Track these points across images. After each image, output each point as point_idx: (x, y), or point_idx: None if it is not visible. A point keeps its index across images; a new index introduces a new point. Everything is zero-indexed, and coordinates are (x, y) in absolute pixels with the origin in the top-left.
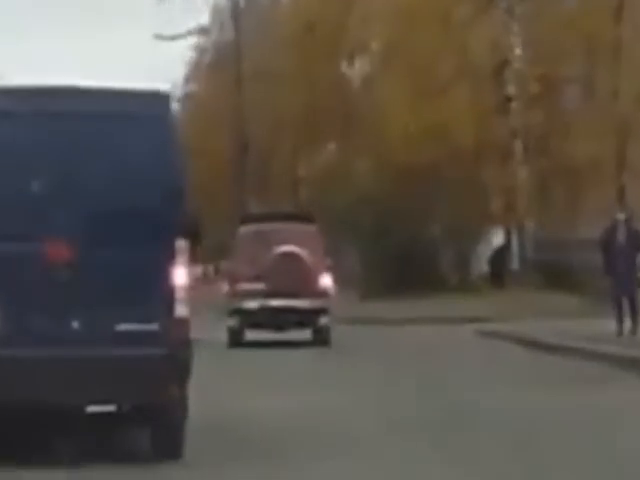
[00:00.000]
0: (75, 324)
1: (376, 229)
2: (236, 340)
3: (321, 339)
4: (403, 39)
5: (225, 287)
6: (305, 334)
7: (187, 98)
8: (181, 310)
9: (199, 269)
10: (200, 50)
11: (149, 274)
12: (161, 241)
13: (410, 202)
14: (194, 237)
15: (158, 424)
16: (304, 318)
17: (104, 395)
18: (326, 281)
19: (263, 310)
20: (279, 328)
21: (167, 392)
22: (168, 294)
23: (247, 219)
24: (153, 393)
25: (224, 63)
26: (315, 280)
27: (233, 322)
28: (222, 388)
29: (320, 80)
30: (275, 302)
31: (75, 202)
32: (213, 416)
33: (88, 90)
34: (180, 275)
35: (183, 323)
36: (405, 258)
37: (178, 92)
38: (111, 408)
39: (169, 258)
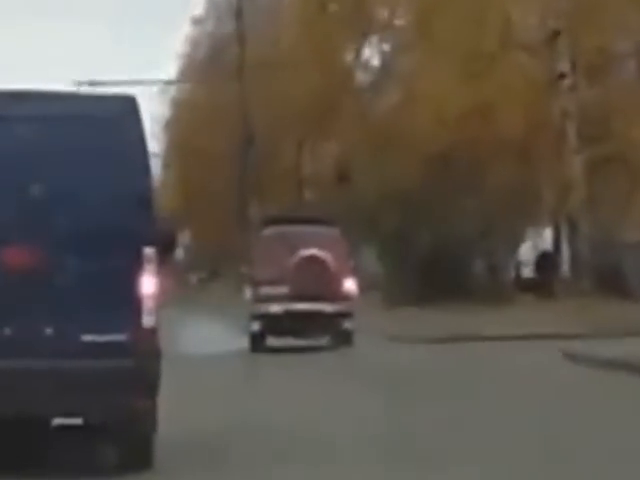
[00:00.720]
0: (40, 334)
1: (402, 228)
2: (259, 345)
3: (343, 342)
4: (436, 10)
5: (247, 292)
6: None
7: (181, 94)
8: (149, 320)
9: (171, 278)
10: (194, 43)
11: (116, 283)
12: (129, 249)
13: (442, 197)
14: (165, 246)
15: (126, 437)
16: (327, 322)
17: (70, 407)
18: (350, 285)
19: (287, 314)
20: (302, 335)
21: (135, 405)
22: (136, 304)
23: (269, 221)
24: (120, 406)
25: (221, 55)
26: (339, 284)
27: (256, 327)
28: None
29: (334, 64)
30: (299, 306)
31: (40, 209)
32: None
33: (54, 94)
34: (148, 284)
35: (151, 333)
36: (435, 261)
37: (172, 89)
38: (78, 421)
39: (137, 267)
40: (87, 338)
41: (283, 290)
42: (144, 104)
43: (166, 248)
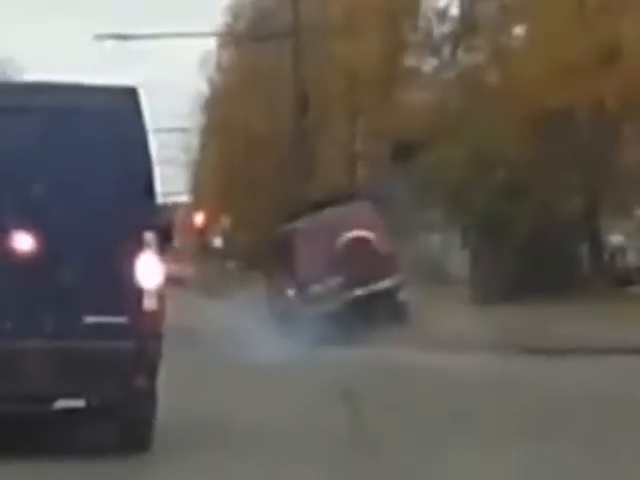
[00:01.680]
0: (43, 316)
1: (495, 207)
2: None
3: (400, 316)
4: None
5: (290, 292)
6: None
7: (219, 71)
8: (150, 303)
9: (189, 265)
10: (234, 15)
11: (117, 267)
12: (129, 234)
13: (544, 171)
14: (165, 232)
15: (126, 417)
16: (386, 301)
17: (73, 387)
18: (395, 257)
19: (346, 306)
20: (364, 323)
21: (135, 385)
22: (137, 287)
23: (295, 214)
24: (121, 386)
25: (265, 23)
26: (386, 259)
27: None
28: None
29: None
30: (356, 292)
31: (42, 195)
32: None
33: (55, 85)
34: (149, 268)
35: (153, 316)
36: (535, 248)
37: (210, 65)
38: (79, 403)
39: (137, 251)
40: (89, 320)
41: (336, 282)
42: (182, 78)
43: (164, 236)
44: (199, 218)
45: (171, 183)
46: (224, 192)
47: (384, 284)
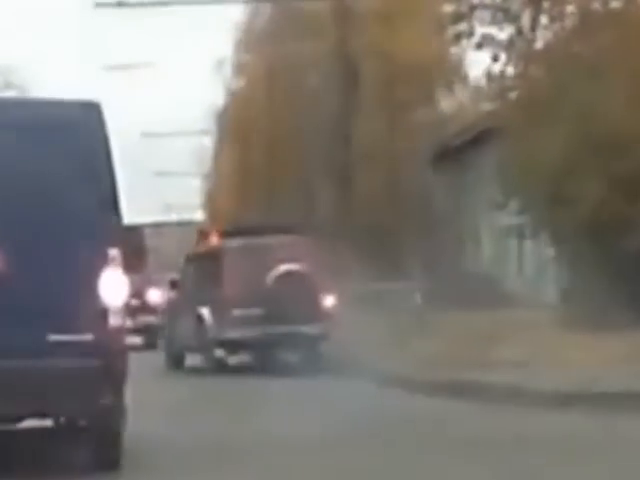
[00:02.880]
0: (5, 335)
1: (606, 208)
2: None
3: (313, 366)
4: None
5: (206, 313)
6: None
7: (239, 69)
8: (115, 319)
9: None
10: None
11: (82, 284)
12: (93, 249)
13: None
14: (133, 247)
15: (93, 436)
16: (304, 345)
17: (37, 407)
18: (330, 302)
19: (262, 339)
20: (275, 357)
21: (102, 404)
22: (101, 304)
23: (232, 233)
24: (87, 405)
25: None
26: (318, 301)
27: (221, 353)
28: None
29: None
30: (276, 329)
31: (3, 210)
32: None
33: (12, 101)
34: (114, 284)
35: (118, 332)
36: None
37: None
38: (47, 423)
39: (102, 267)
40: (53, 338)
41: (257, 312)
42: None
43: (136, 256)
44: (214, 239)
45: (185, 199)
46: (241, 203)
47: (308, 329)
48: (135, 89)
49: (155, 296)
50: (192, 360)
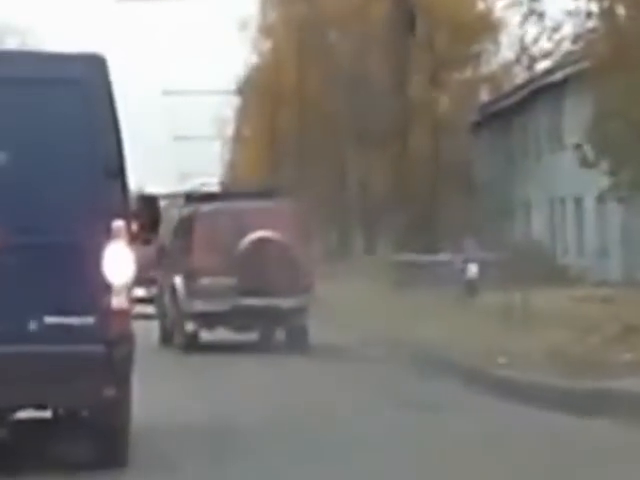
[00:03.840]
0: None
1: None
2: (193, 345)
3: (298, 341)
4: None
5: (178, 283)
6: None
7: (265, 29)
8: (119, 301)
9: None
10: None
11: (82, 261)
12: (95, 223)
13: None
14: (146, 218)
15: (96, 430)
16: (282, 319)
17: (32, 397)
18: (308, 272)
19: (233, 312)
20: (250, 330)
21: (105, 394)
22: (104, 283)
23: (206, 197)
24: (89, 395)
25: None
26: (296, 271)
27: (191, 327)
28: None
29: None
30: (249, 301)
31: None
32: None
33: (10, 53)
34: (118, 261)
35: (122, 315)
36: None
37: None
38: (46, 414)
39: (104, 242)
40: (50, 320)
41: (228, 282)
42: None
43: (149, 225)
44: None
45: (204, 166)
46: (266, 171)
47: (285, 302)
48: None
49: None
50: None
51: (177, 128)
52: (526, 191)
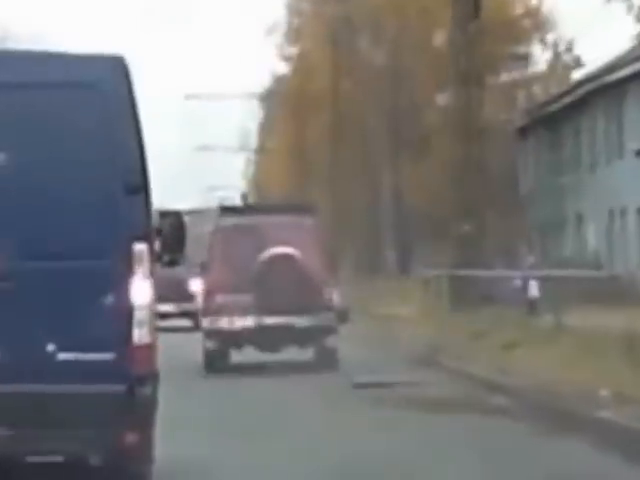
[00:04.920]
0: (5, 353)
1: None
2: (217, 365)
3: (327, 362)
4: None
5: (198, 300)
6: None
7: (293, 33)
8: (142, 335)
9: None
10: None
11: (100, 289)
12: (114, 246)
13: None
14: (169, 243)
15: (114, 477)
16: (304, 338)
17: (45, 444)
18: (330, 290)
19: (251, 330)
20: (273, 350)
21: (126, 440)
22: (125, 315)
23: (226, 211)
24: (108, 442)
25: None
26: (317, 290)
27: (211, 345)
28: None
29: None
30: (266, 320)
31: (5, 197)
32: None
33: (23, 54)
34: (140, 289)
35: (145, 351)
36: None
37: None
38: (58, 458)
39: (125, 267)
40: (65, 357)
41: (245, 299)
42: None
43: (173, 244)
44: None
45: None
46: (294, 184)
47: (304, 321)
48: (180, 49)
49: (197, 285)
50: (236, 356)
51: (199, 137)
52: (578, 202)
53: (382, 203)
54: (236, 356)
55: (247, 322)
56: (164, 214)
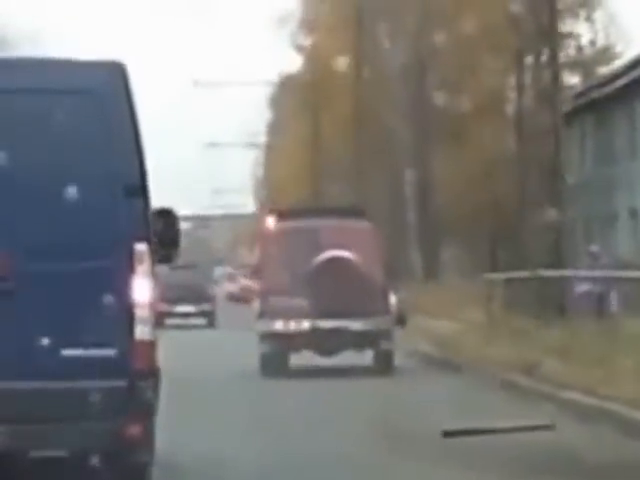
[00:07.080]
0: (10, 350)
1: None
2: (273, 368)
3: (384, 366)
4: None
5: (255, 303)
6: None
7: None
8: (143, 331)
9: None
10: None
11: (102, 288)
12: (115, 246)
13: None
14: (164, 240)
15: (116, 472)
16: (360, 341)
17: (47, 439)
18: (386, 293)
19: (304, 334)
20: (328, 353)
21: (128, 434)
22: (126, 312)
23: (282, 214)
24: (110, 436)
25: None
26: (372, 293)
27: (267, 348)
28: None
29: None
30: (321, 324)
31: (6, 201)
32: None
33: (24, 61)
34: (141, 288)
35: (146, 347)
36: None
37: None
38: (61, 453)
39: (126, 267)
40: (68, 353)
41: (301, 302)
42: None
43: (168, 242)
44: (270, 221)
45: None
46: (309, 185)
47: (360, 325)
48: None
49: (209, 288)
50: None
51: (208, 136)
52: (633, 195)
53: (406, 200)
54: (295, 359)
55: (302, 325)
56: (158, 213)
